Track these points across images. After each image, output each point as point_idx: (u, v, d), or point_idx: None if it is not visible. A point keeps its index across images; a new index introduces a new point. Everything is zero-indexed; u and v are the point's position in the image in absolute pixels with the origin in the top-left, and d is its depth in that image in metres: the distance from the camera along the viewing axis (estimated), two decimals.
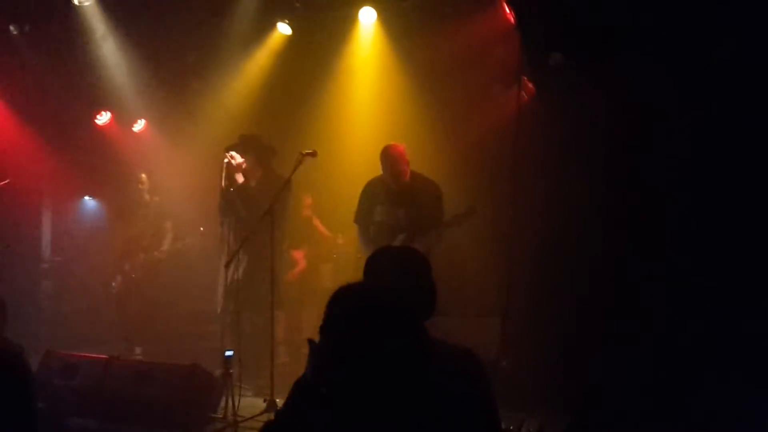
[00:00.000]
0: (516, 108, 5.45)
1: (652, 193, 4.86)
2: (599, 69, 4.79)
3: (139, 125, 7.54)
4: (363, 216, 5.33)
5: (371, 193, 5.30)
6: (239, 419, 4.61)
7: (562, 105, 5.16)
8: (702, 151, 4.68)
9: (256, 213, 5.02)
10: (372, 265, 2.38)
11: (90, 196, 8.02)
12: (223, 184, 5.44)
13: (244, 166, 5.54)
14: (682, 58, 4.64)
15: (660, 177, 4.92)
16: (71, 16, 6.52)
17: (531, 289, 5.30)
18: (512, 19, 5.44)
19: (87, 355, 5.18)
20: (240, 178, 5.52)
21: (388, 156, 5.13)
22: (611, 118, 4.87)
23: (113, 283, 6.85)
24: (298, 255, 6.68)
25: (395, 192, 5.17)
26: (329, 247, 6.77)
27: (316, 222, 6.82)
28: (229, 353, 4.72)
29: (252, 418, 4.65)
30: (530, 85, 5.48)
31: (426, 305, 2.31)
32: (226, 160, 5.43)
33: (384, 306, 1.83)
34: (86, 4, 6.40)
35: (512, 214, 5.44)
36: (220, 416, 4.70)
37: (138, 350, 6.60)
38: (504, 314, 5.04)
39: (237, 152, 5.50)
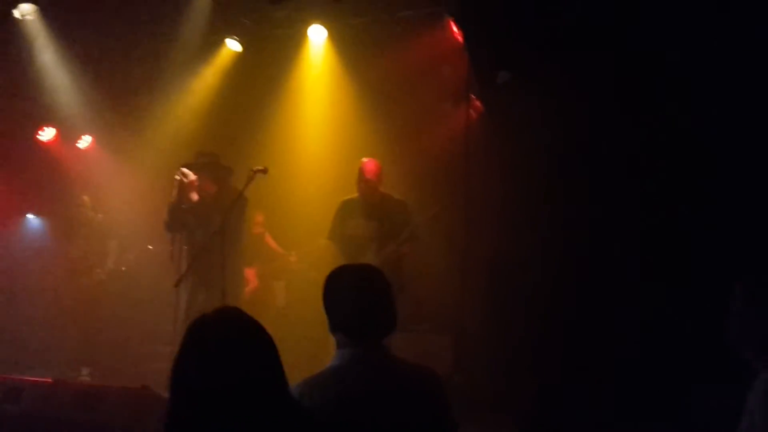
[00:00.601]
0: (465, 125, 5.56)
1: (604, 205, 4.99)
2: (547, 85, 4.91)
3: (85, 141, 7.38)
4: (337, 232, 5.47)
5: (345, 209, 5.47)
6: None
7: (511, 121, 5.28)
8: (654, 157, 4.82)
9: (209, 229, 4.96)
10: (330, 284, 2.40)
11: (34, 214, 7.79)
12: (173, 200, 5.32)
13: (196, 183, 5.43)
14: (630, 67, 4.77)
15: (612, 186, 5.05)
16: (13, 29, 6.36)
17: (484, 303, 5.39)
18: (459, 38, 5.55)
19: (31, 378, 5.02)
20: (194, 197, 5.40)
21: (361, 171, 5.33)
22: (560, 132, 4.99)
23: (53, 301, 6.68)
24: (250, 273, 6.62)
25: (369, 205, 5.35)
26: (282, 264, 6.75)
27: (268, 239, 6.79)
28: None
29: None
30: (478, 102, 5.60)
31: (386, 322, 2.34)
32: (178, 177, 5.32)
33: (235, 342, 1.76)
34: (29, 18, 6.25)
35: (464, 229, 5.53)
36: None
37: (85, 371, 6.43)
38: (457, 329, 5.10)
39: (192, 170, 5.39)
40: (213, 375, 1.66)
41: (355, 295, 2.33)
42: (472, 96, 5.50)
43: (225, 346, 1.70)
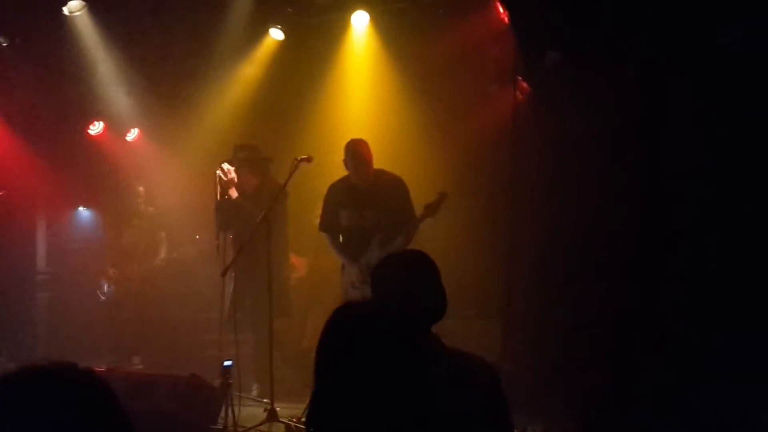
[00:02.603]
0: (512, 108, 5.44)
1: (654, 192, 4.83)
2: (596, 67, 4.76)
3: (133, 134, 7.49)
4: (329, 223, 5.24)
5: (334, 197, 5.21)
6: (240, 429, 4.56)
7: (559, 104, 5.14)
8: (706, 147, 4.64)
9: (253, 222, 4.97)
10: (379, 275, 2.39)
11: (84, 207, 7.97)
12: (217, 197, 5.35)
13: (236, 180, 5.41)
14: (681, 52, 4.59)
15: (661, 174, 4.89)
16: (62, 26, 6.47)
17: (532, 289, 5.27)
18: (506, 19, 5.42)
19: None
20: (234, 193, 5.39)
21: (353, 151, 5.02)
22: (609, 115, 4.84)
23: (104, 290, 6.80)
24: (298, 262, 6.60)
25: (360, 192, 5.08)
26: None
27: None
28: (228, 363, 4.66)
29: (253, 428, 4.60)
30: (525, 84, 5.46)
31: (436, 309, 2.31)
32: (219, 173, 5.32)
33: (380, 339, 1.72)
34: (77, 14, 6.34)
35: (511, 214, 5.42)
36: (220, 427, 4.64)
37: (136, 360, 6.56)
38: (506, 316, 4.99)
39: (231, 164, 5.38)
40: (358, 363, 1.64)
41: (404, 282, 2.30)
42: (519, 78, 5.35)
43: (371, 337, 1.68)
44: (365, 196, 5.07)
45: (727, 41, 4.47)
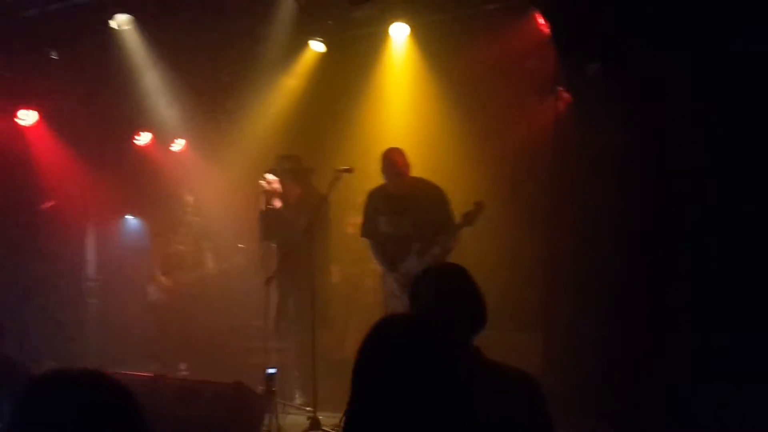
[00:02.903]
0: (552, 118, 5.42)
1: (696, 205, 4.78)
2: (638, 78, 4.73)
3: (178, 144, 7.67)
4: (369, 229, 5.27)
5: (373, 204, 5.25)
6: None
7: (600, 115, 5.10)
8: (748, 163, 4.58)
9: (296, 232, 5.05)
10: (416, 289, 2.41)
11: (131, 215, 8.17)
12: (261, 207, 5.45)
13: (280, 190, 5.51)
14: (724, 67, 4.55)
15: (704, 183, 4.82)
16: (110, 39, 6.66)
17: (572, 302, 5.24)
18: (546, 30, 5.42)
19: (133, 373, 5.26)
20: (278, 203, 5.49)
21: (389, 159, 5.05)
22: (650, 127, 4.80)
23: (152, 297, 6.93)
24: (335, 270, 6.65)
25: (397, 199, 5.10)
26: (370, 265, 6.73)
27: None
28: (271, 370, 4.75)
29: None
30: (566, 95, 5.44)
31: (476, 321, 2.33)
32: (262, 182, 5.42)
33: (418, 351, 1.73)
34: (125, 28, 6.52)
35: (551, 224, 5.40)
36: None
37: (183, 366, 6.68)
38: (546, 328, 4.98)
39: (274, 174, 5.48)
40: (396, 374, 1.67)
41: (442, 294, 2.33)
42: (560, 89, 5.34)
43: (409, 349, 1.71)
44: (402, 203, 5.08)
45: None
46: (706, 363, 4.61)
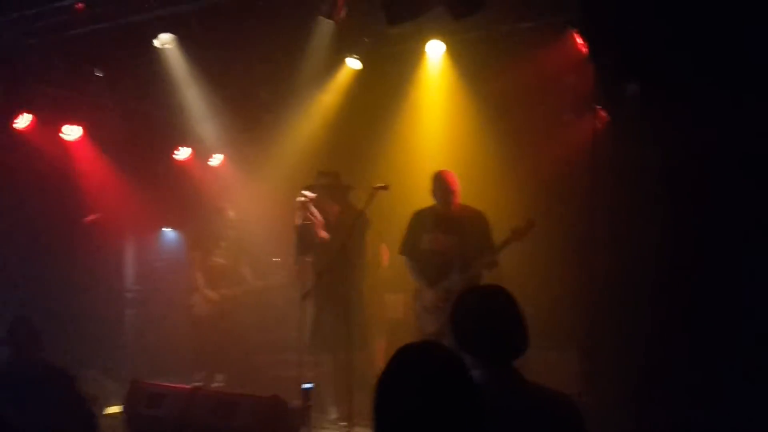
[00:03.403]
0: (589, 136, 5.41)
1: (735, 227, 4.71)
2: (678, 99, 4.70)
3: (217, 159, 7.81)
4: (410, 246, 5.32)
5: (419, 222, 5.30)
6: None
7: (639, 134, 5.08)
8: None
9: (332, 248, 5.10)
10: (459, 310, 2.41)
11: (169, 228, 8.32)
12: (298, 222, 5.50)
13: (317, 205, 5.55)
14: (759, 86, 4.49)
15: (742, 206, 4.76)
16: (153, 57, 6.83)
17: (612, 319, 5.19)
18: (584, 49, 5.41)
19: (172, 385, 5.36)
20: (323, 234, 5.47)
21: (442, 180, 5.16)
22: (690, 148, 4.76)
23: (196, 310, 7.01)
24: (384, 251, 6.52)
25: (445, 219, 5.16)
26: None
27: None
28: (308, 386, 4.78)
29: None
30: (604, 114, 5.42)
31: (517, 345, 2.32)
32: (299, 199, 5.49)
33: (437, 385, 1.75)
34: (167, 46, 6.68)
35: (589, 244, 5.37)
36: None
37: (219, 377, 6.76)
38: (585, 348, 4.93)
39: (313, 191, 5.54)
40: (416, 406, 1.69)
41: (483, 316, 2.33)
42: (598, 107, 5.32)
43: (430, 380, 1.73)
44: (450, 223, 5.15)
45: None
46: (749, 385, 4.53)
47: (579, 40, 5.45)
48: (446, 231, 5.15)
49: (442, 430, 1.66)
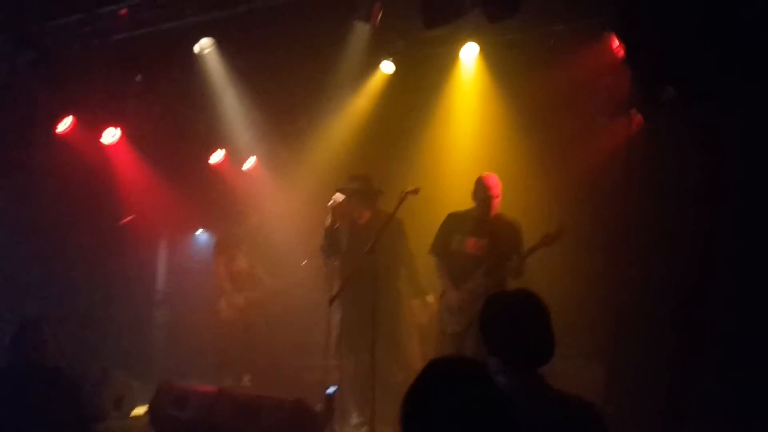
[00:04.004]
0: (624, 140, 5.30)
1: (766, 233, 4.54)
2: (713, 106, 4.56)
3: (249, 163, 7.86)
4: (440, 246, 5.31)
5: (453, 223, 5.31)
6: None
7: (673, 139, 4.94)
8: None
9: (361, 252, 5.06)
10: (488, 309, 2.38)
11: (203, 230, 8.41)
12: (328, 224, 5.50)
13: (348, 208, 5.55)
14: None
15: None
16: (192, 62, 6.90)
17: (640, 328, 5.05)
18: (620, 52, 5.29)
19: (198, 387, 5.38)
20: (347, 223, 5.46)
21: (483, 184, 5.16)
22: (721, 154, 4.62)
23: (221, 313, 7.07)
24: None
25: (479, 223, 5.16)
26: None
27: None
28: (331, 390, 4.76)
29: None
30: (639, 117, 5.29)
31: (543, 353, 2.29)
32: (331, 202, 5.47)
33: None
34: (206, 51, 6.75)
35: (618, 249, 5.24)
36: None
37: (246, 378, 6.80)
38: (612, 357, 4.81)
39: (345, 194, 5.53)
40: (445, 421, 1.66)
41: (513, 322, 2.31)
42: (633, 111, 5.20)
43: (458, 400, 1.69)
44: (485, 226, 5.16)
45: None
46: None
47: (616, 43, 5.32)
48: (478, 235, 5.15)
49: None
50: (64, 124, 7.15)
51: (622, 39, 5.25)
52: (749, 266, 4.64)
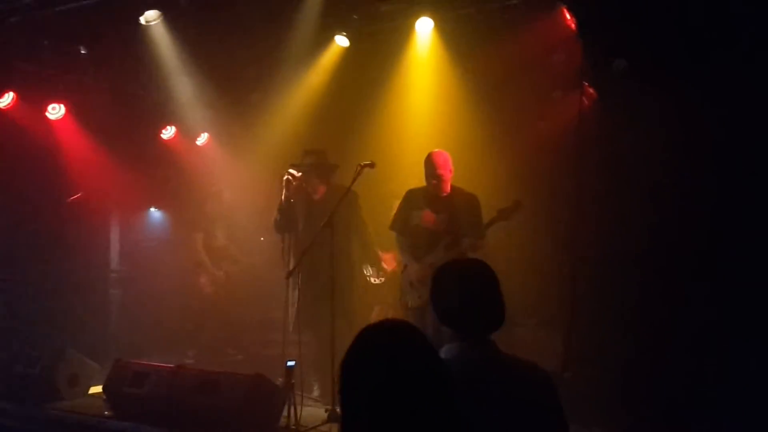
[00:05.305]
0: (577, 113, 5.37)
1: (718, 202, 4.69)
2: (664, 76, 4.66)
3: (202, 139, 7.73)
4: (401, 222, 5.35)
5: (411, 199, 5.32)
6: (301, 429, 4.66)
7: (626, 111, 5.05)
8: None
9: (317, 226, 5.06)
10: (437, 278, 2.40)
11: (155, 208, 8.25)
12: (282, 200, 5.48)
13: (303, 183, 5.55)
14: (748, 66, 4.45)
15: (725, 186, 4.74)
16: (138, 34, 6.71)
17: (594, 297, 5.19)
18: (573, 26, 5.36)
19: (155, 364, 5.33)
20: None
21: (432, 161, 5.12)
22: (675, 125, 4.73)
23: (204, 288, 7.02)
24: (387, 257, 6.19)
25: (437, 198, 5.17)
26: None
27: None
28: (291, 363, 4.76)
29: (314, 428, 4.70)
30: (591, 90, 5.38)
31: (494, 317, 2.30)
32: (285, 177, 5.45)
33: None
34: (153, 23, 6.57)
35: (575, 221, 5.35)
36: (283, 425, 4.76)
37: (190, 353, 6.84)
38: (569, 325, 4.93)
39: (299, 169, 5.51)
40: (381, 383, 1.63)
41: (462, 290, 2.31)
42: (586, 84, 5.28)
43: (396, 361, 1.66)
44: (441, 201, 5.17)
45: None
46: (728, 364, 4.53)
47: (568, 16, 5.38)
48: (436, 209, 5.17)
49: (409, 408, 1.61)
50: (5, 100, 6.90)
51: (573, 12, 5.32)
52: (706, 233, 4.77)
